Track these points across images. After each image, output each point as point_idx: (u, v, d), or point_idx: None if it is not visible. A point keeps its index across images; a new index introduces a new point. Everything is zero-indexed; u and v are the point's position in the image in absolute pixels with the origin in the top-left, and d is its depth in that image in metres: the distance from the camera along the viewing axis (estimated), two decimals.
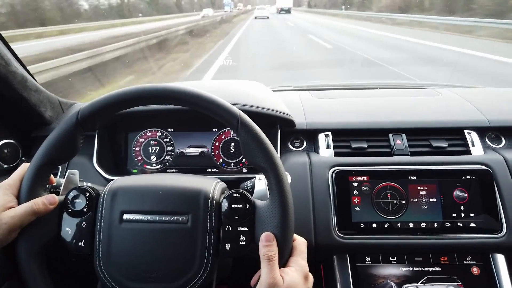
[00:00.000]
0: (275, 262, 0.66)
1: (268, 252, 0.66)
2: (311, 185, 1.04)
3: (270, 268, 0.65)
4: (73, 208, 0.72)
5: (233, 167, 1.19)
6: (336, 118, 1.21)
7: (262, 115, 1.11)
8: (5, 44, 0.99)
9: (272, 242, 0.67)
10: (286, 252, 0.69)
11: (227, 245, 0.70)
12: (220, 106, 0.70)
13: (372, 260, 1.01)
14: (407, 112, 1.23)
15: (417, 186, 1.02)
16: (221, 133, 1.20)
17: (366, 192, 1.02)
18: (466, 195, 1.01)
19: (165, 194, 0.73)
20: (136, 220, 0.70)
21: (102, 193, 0.74)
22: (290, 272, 0.67)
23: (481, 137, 1.15)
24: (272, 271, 0.65)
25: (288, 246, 0.69)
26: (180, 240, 0.70)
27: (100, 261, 0.70)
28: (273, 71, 7.41)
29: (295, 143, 1.19)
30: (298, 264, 0.69)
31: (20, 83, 1.01)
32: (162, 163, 1.20)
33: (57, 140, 0.70)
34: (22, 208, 0.68)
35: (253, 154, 0.70)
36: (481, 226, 0.99)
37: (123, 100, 0.70)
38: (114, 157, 1.21)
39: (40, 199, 0.70)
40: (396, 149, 1.11)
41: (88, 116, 0.70)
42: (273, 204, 0.69)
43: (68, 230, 0.71)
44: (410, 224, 0.99)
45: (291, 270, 0.68)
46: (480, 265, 0.99)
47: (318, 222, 1.00)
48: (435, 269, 0.99)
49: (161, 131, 1.22)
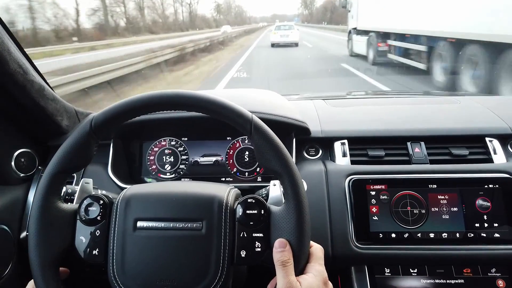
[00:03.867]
0: (290, 267, 0.64)
1: (282, 258, 0.64)
2: (327, 194, 1.02)
3: (285, 273, 0.63)
4: (87, 216, 0.71)
5: (248, 176, 1.18)
6: (352, 126, 1.19)
7: (277, 122, 1.10)
8: (23, 53, 1.00)
9: (285, 248, 0.65)
10: (303, 258, 0.67)
11: (242, 252, 0.68)
12: (233, 110, 0.69)
13: (392, 272, 0.98)
14: (426, 120, 1.20)
15: (438, 195, 0.98)
16: (235, 141, 1.20)
17: (384, 201, 0.99)
18: (489, 204, 0.97)
19: (178, 201, 0.72)
20: (150, 228, 0.69)
21: (115, 201, 0.73)
22: (308, 277, 0.65)
23: (503, 145, 1.11)
24: (287, 276, 0.63)
25: (304, 252, 0.67)
26: (194, 247, 0.68)
27: (114, 269, 0.69)
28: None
29: (310, 151, 1.17)
30: (316, 270, 0.67)
31: (38, 92, 1.02)
32: (176, 172, 1.20)
33: (71, 148, 0.69)
34: None
35: (267, 158, 0.68)
36: (506, 237, 0.95)
37: (136, 106, 0.69)
38: (129, 166, 1.21)
39: None
40: (414, 157, 1.08)
41: (101, 123, 0.69)
42: (288, 209, 0.67)
43: (82, 238, 0.71)
44: (431, 234, 0.96)
45: (309, 276, 0.66)
46: (505, 278, 0.95)
47: (335, 232, 0.97)
48: (458, 281, 0.95)
49: (175, 140, 1.21)
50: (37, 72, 1.07)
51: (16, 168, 1.06)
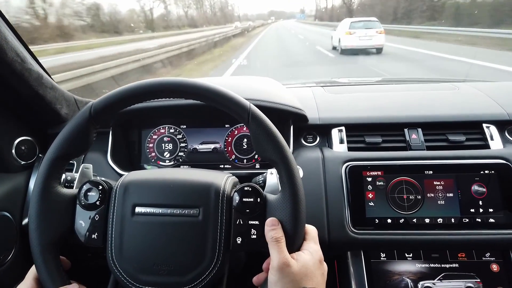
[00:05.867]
0: (283, 244, 0.65)
1: (274, 235, 0.66)
2: (324, 181, 1.03)
3: (279, 249, 0.64)
4: (86, 201, 0.72)
5: (246, 163, 1.19)
6: (350, 112, 1.19)
7: (274, 110, 1.10)
8: (21, 42, 1.00)
9: (277, 226, 0.67)
10: (298, 242, 0.68)
11: (238, 239, 0.70)
12: (231, 99, 0.69)
13: (387, 256, 0.99)
14: (423, 106, 1.21)
15: (434, 181, 0.99)
16: (233, 129, 1.20)
17: (380, 187, 1.00)
18: (484, 190, 0.98)
19: (176, 187, 0.73)
20: (148, 213, 0.71)
21: (114, 187, 0.74)
22: (304, 254, 0.66)
23: (500, 131, 1.11)
24: (282, 252, 0.64)
25: (299, 236, 0.68)
26: (191, 233, 0.70)
27: (113, 254, 0.70)
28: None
29: (308, 138, 1.18)
30: (311, 248, 0.68)
31: (36, 80, 1.02)
32: (175, 160, 1.21)
33: (71, 134, 0.70)
34: None
35: (264, 147, 0.69)
36: (500, 221, 0.96)
37: (135, 93, 0.70)
38: (128, 154, 1.22)
39: None
40: (411, 143, 1.09)
41: (100, 110, 0.70)
42: (284, 197, 0.68)
43: (81, 223, 0.72)
44: (427, 220, 0.97)
45: (305, 253, 0.67)
46: (499, 262, 0.96)
47: (331, 218, 0.99)
48: (452, 265, 0.97)
49: (174, 127, 1.22)
50: (36, 60, 1.07)
51: (17, 155, 1.07)
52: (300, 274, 0.63)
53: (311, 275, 0.64)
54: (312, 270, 0.65)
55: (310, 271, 0.64)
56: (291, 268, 0.63)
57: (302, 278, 0.63)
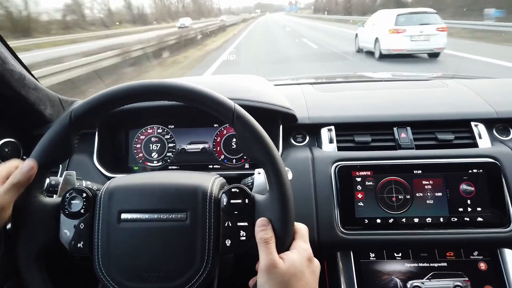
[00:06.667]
0: (272, 245, 0.64)
1: (264, 236, 0.65)
2: (313, 181, 1.02)
3: (268, 250, 0.64)
4: (70, 209, 0.71)
5: (235, 163, 1.18)
6: (339, 112, 1.19)
7: (263, 110, 1.09)
8: (2, 42, 0.98)
9: (267, 226, 0.66)
10: (287, 242, 0.68)
11: (227, 241, 0.69)
12: (214, 99, 0.68)
13: (377, 256, 0.99)
14: (412, 105, 1.20)
15: (422, 180, 0.99)
16: (222, 129, 1.19)
17: (370, 187, 1.00)
18: (473, 189, 0.98)
19: (162, 192, 0.71)
20: (134, 220, 0.69)
21: (99, 194, 0.73)
22: (291, 254, 0.65)
23: (488, 129, 1.12)
24: (270, 253, 0.63)
25: (288, 236, 0.68)
26: (179, 238, 0.68)
27: (100, 262, 0.69)
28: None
29: (297, 138, 1.17)
30: (300, 246, 0.67)
31: (18, 81, 1.00)
32: (163, 160, 1.19)
33: (51, 141, 0.68)
34: (4, 186, 0.66)
35: (250, 148, 0.68)
36: (489, 220, 0.96)
37: (116, 97, 0.68)
38: (115, 155, 1.20)
39: (17, 170, 0.67)
40: (401, 142, 1.09)
41: (81, 115, 0.68)
42: (272, 198, 0.67)
43: (66, 232, 0.70)
44: (415, 219, 0.97)
45: (293, 252, 0.66)
46: (487, 260, 0.97)
47: (321, 218, 0.98)
48: (441, 264, 0.97)
49: (162, 127, 1.20)
50: (18, 60, 1.04)
51: (0, 158, 1.05)
52: (288, 274, 0.62)
53: (299, 274, 0.63)
54: (300, 269, 0.64)
55: (299, 270, 0.64)
56: (278, 269, 0.62)
57: (290, 278, 0.62)
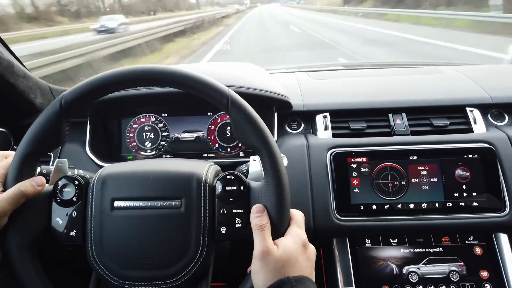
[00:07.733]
0: (267, 232, 0.64)
1: (259, 222, 0.64)
2: (309, 168, 1.01)
3: (262, 236, 0.63)
4: (62, 197, 0.69)
5: (230, 151, 1.17)
6: (334, 98, 1.18)
7: (257, 97, 1.08)
8: None
9: (262, 213, 0.66)
10: (283, 228, 0.67)
11: (223, 229, 0.68)
12: (209, 85, 0.67)
13: (372, 242, 0.99)
14: (407, 91, 1.20)
15: (418, 166, 0.99)
16: (216, 117, 1.18)
17: (365, 174, 0.99)
18: (468, 174, 0.98)
19: (156, 179, 0.70)
20: (128, 207, 0.68)
21: (91, 181, 0.71)
22: (286, 240, 0.65)
23: (483, 115, 1.12)
24: (264, 240, 0.63)
25: (284, 222, 0.67)
26: (174, 225, 0.68)
27: (93, 250, 0.68)
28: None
29: (292, 125, 1.16)
30: (294, 232, 0.67)
31: (6, 69, 0.98)
32: (157, 149, 1.18)
33: (41, 128, 0.67)
34: (10, 192, 0.65)
35: (245, 134, 0.67)
36: (484, 205, 0.96)
37: (108, 83, 0.67)
38: (108, 144, 1.18)
39: (28, 181, 0.67)
40: (396, 128, 1.08)
41: (72, 101, 0.67)
42: (267, 185, 0.67)
43: (58, 220, 0.69)
44: (411, 205, 0.97)
45: (287, 238, 0.66)
46: (482, 245, 0.97)
47: (316, 205, 0.98)
48: (436, 250, 0.97)
49: (155, 116, 1.19)
50: (6, 48, 1.02)
51: None
52: (281, 261, 0.62)
53: (293, 260, 0.63)
54: (294, 256, 0.63)
55: (292, 257, 0.63)
56: (272, 255, 0.61)
57: (284, 265, 0.62)
